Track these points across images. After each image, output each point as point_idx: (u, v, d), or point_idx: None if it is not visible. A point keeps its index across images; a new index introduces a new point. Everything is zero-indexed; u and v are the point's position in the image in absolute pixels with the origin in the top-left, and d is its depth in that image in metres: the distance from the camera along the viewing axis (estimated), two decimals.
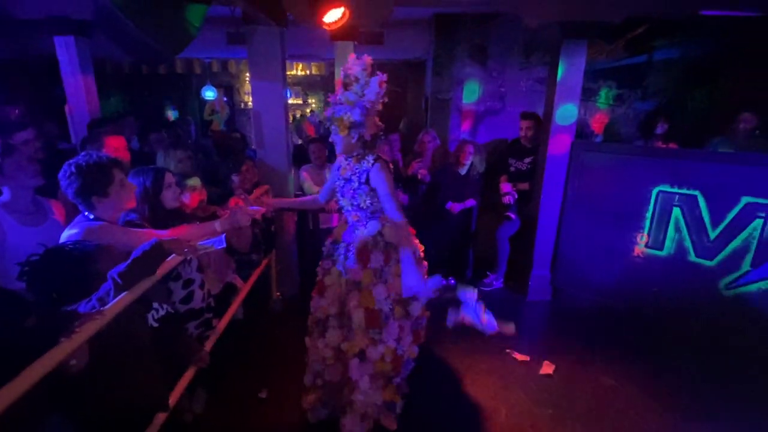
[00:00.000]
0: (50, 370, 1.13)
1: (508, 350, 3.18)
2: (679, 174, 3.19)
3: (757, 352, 3.02)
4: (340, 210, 2.41)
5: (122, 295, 1.43)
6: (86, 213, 1.83)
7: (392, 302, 2.22)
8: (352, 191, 2.23)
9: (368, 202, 2.21)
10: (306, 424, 2.48)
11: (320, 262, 2.47)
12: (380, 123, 2.17)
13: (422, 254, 2.35)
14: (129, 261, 1.47)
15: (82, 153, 1.83)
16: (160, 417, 1.73)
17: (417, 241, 2.32)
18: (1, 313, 1.25)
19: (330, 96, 2.16)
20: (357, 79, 2.06)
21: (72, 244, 1.55)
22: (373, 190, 2.18)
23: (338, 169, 2.31)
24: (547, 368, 3.01)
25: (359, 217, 2.29)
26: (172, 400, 1.86)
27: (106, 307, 1.37)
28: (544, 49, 4.48)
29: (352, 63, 2.08)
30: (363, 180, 2.18)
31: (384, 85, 2.08)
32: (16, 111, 3.96)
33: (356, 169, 2.19)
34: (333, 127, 2.10)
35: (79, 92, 3.56)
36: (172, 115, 6.81)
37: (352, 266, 2.25)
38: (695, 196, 3.14)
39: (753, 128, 3.57)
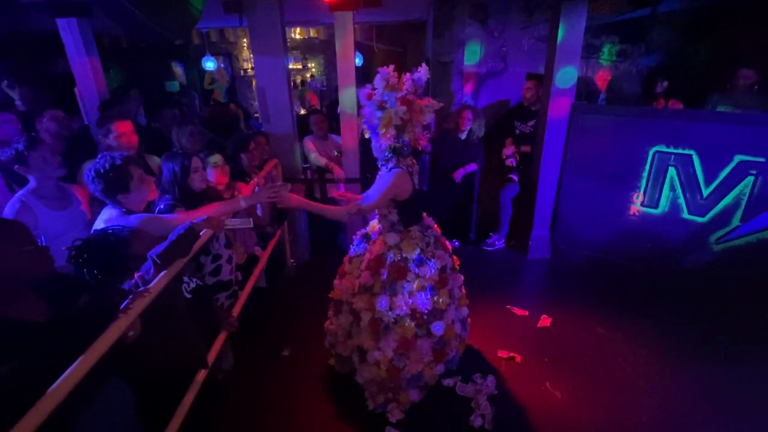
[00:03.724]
0: (113, 341, 1.34)
1: (508, 306, 3.41)
2: (675, 134, 3.27)
3: (742, 300, 3.22)
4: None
5: (162, 273, 1.63)
6: (115, 207, 1.95)
7: (396, 317, 2.23)
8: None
9: (384, 210, 2.24)
10: (324, 376, 2.74)
11: (351, 246, 2.59)
12: (392, 137, 2.11)
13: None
14: (166, 244, 1.65)
15: (99, 157, 1.93)
16: (201, 373, 1.98)
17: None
18: (58, 292, 1.46)
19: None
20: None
21: (109, 230, 1.73)
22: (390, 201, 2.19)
23: None
24: (545, 321, 3.25)
25: (376, 227, 2.37)
26: (208, 360, 2.11)
27: (150, 285, 1.57)
28: (546, 6, 4.40)
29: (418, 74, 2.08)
30: None
31: (404, 106, 2.04)
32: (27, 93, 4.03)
33: (379, 174, 2.23)
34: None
35: (87, 74, 3.63)
36: (173, 86, 6.81)
37: (366, 270, 2.32)
38: (690, 156, 3.24)
39: (751, 84, 3.59)
